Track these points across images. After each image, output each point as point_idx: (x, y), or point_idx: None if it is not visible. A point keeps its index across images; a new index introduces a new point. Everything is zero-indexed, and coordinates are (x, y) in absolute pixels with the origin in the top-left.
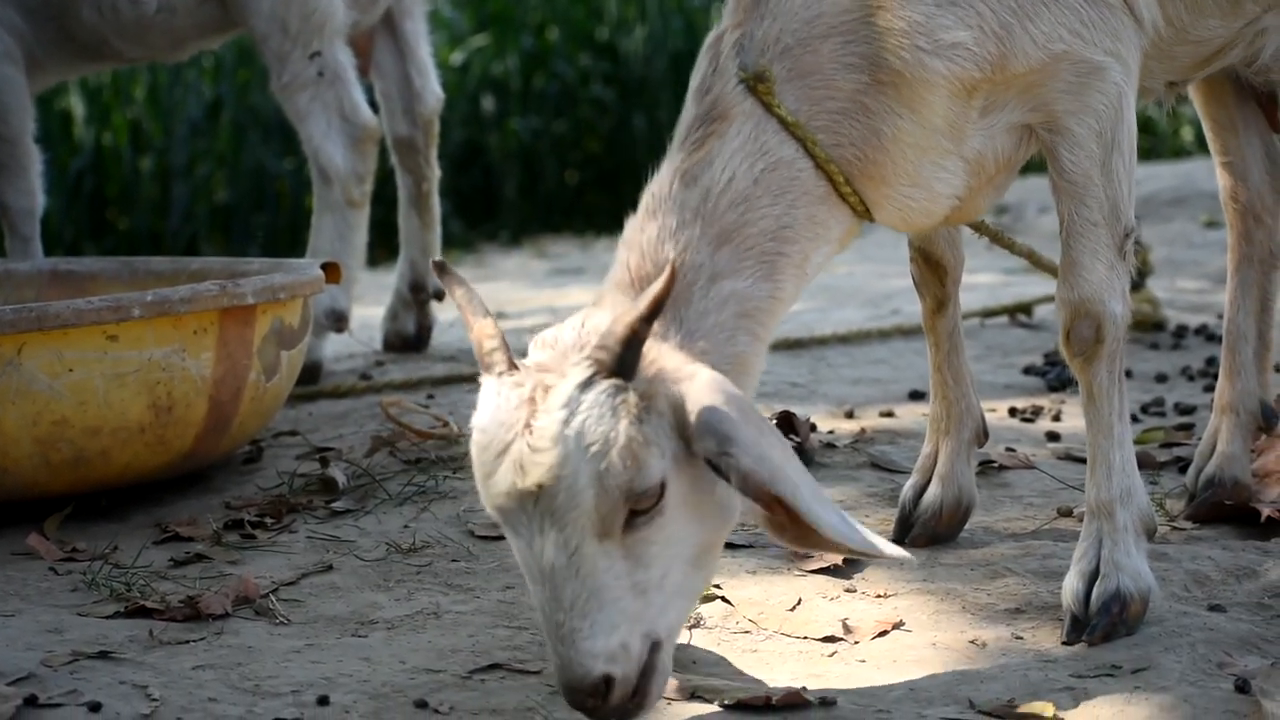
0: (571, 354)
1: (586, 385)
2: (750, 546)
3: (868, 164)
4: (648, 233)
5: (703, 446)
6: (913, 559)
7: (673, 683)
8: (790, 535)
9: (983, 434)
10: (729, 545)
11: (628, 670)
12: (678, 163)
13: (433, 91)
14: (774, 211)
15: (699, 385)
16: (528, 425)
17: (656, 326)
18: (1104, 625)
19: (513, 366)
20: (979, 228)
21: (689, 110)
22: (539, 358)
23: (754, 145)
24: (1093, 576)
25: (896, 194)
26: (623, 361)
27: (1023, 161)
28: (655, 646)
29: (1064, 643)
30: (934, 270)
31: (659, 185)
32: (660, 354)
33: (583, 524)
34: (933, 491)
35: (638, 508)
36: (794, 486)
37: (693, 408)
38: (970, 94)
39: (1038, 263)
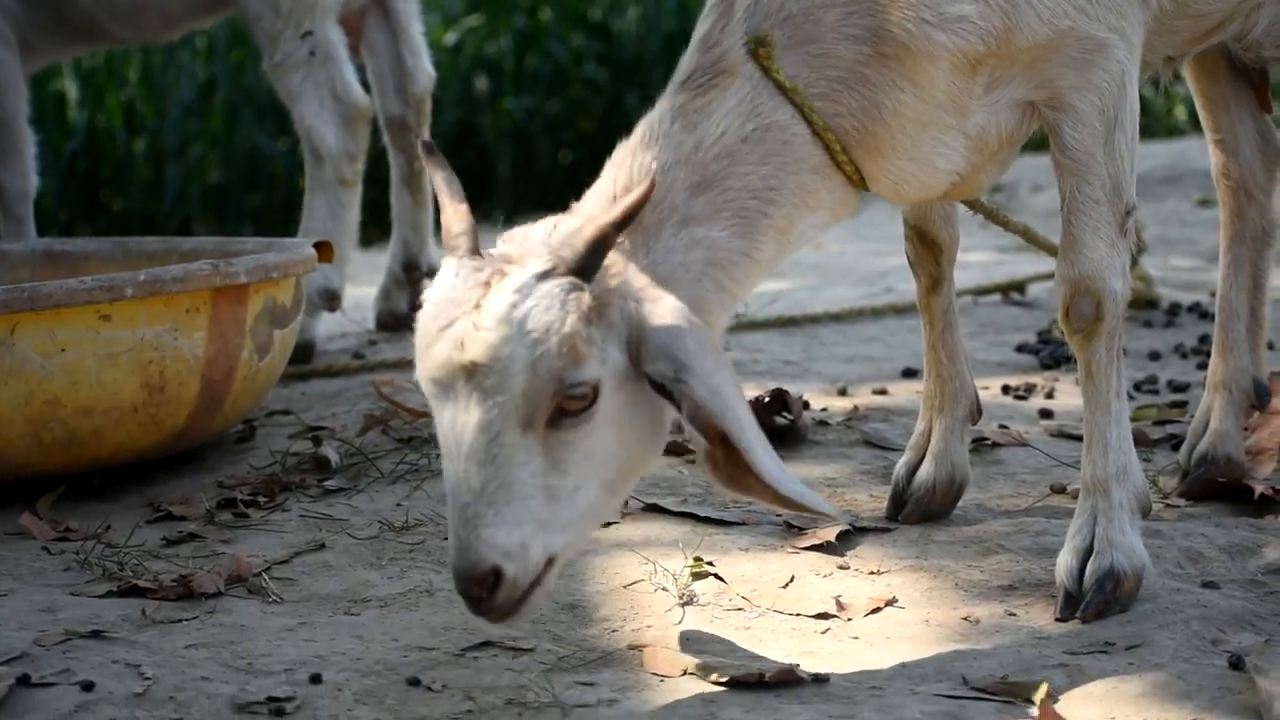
0: (537, 249)
1: (543, 276)
2: (743, 524)
3: (866, 135)
4: (638, 160)
5: (656, 369)
6: (839, 515)
7: (666, 659)
8: (725, 474)
9: (976, 412)
10: (720, 522)
11: (520, 572)
12: (680, 102)
13: (425, 70)
14: (760, 171)
15: (663, 307)
16: (477, 305)
17: (624, 246)
18: (1098, 602)
19: (476, 253)
20: (975, 205)
21: (693, 56)
22: (504, 249)
23: (749, 107)
24: (1087, 553)
25: (894, 167)
26: (585, 262)
27: (1025, 138)
28: (550, 562)
29: (1057, 619)
30: (929, 249)
31: (657, 119)
32: (629, 272)
33: (509, 409)
34: (926, 469)
35: (567, 407)
36: (741, 426)
37: (652, 328)
38: (974, 69)
39: (1033, 240)
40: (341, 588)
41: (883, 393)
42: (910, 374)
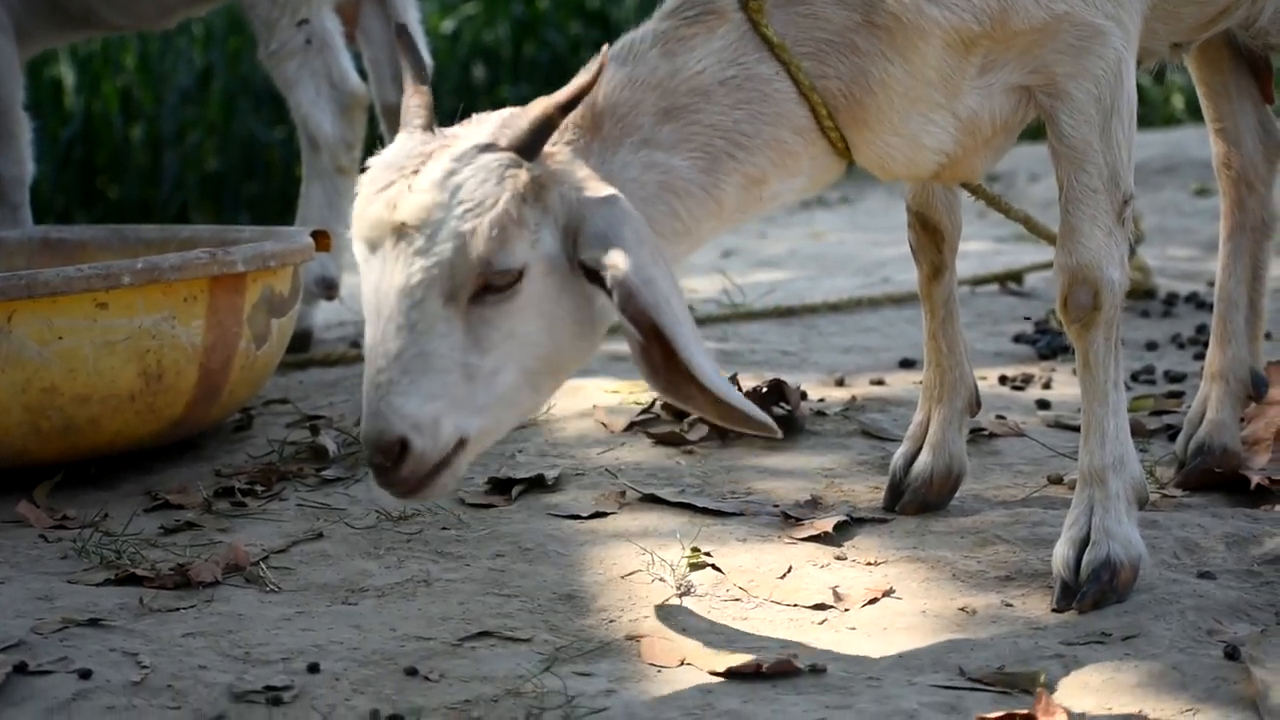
0: (485, 126)
1: (484, 149)
2: (740, 515)
3: (853, 103)
4: (613, 77)
5: (590, 255)
6: (778, 433)
7: (663, 649)
8: (664, 381)
9: (975, 403)
10: (718, 512)
11: (429, 447)
12: (664, 29)
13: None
14: (734, 115)
15: (606, 196)
16: (415, 170)
17: (580, 145)
18: (1094, 592)
19: (429, 129)
20: (976, 191)
21: None
22: (456, 128)
23: (732, 54)
24: (1083, 543)
25: (879, 140)
26: (527, 140)
27: (1022, 126)
28: (461, 444)
29: (1054, 609)
30: (931, 236)
31: (639, 38)
32: (576, 164)
33: (434, 275)
34: (923, 459)
35: (492, 283)
36: (675, 320)
37: (591, 213)
38: (968, 49)
39: (1033, 228)
40: (339, 577)
41: (880, 383)
42: (908, 364)
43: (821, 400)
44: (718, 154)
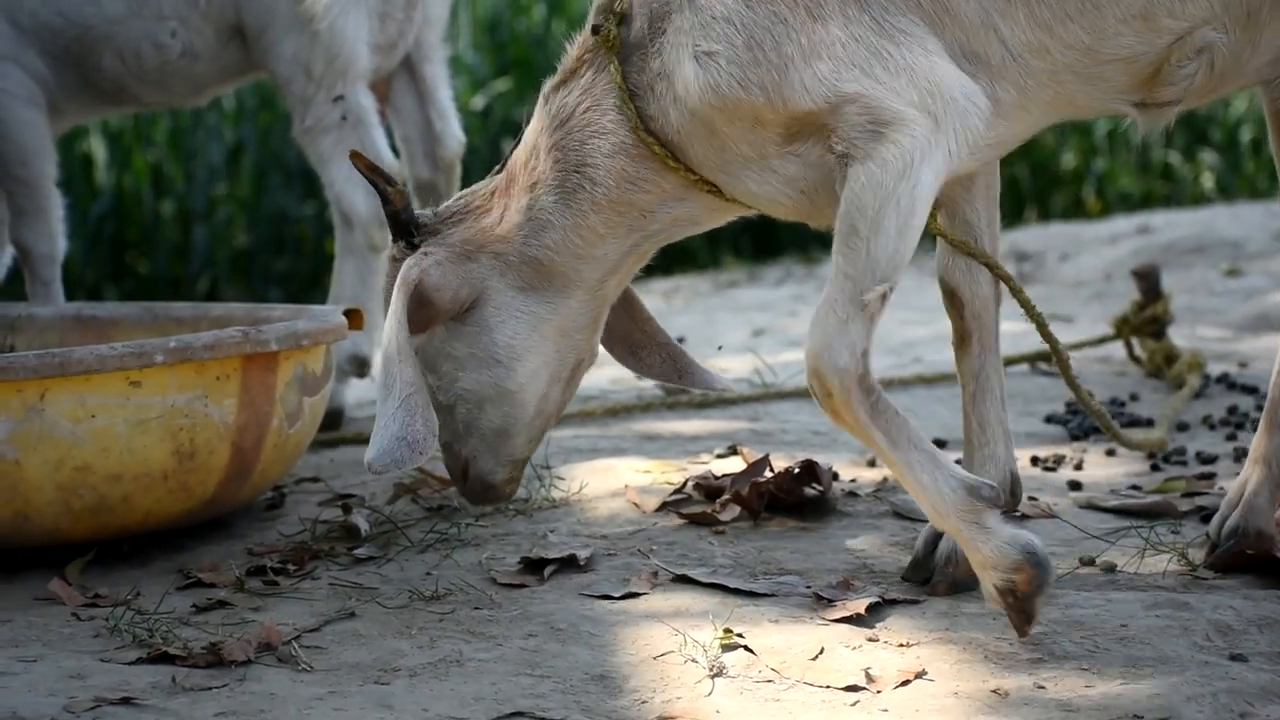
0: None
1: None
2: (772, 595)
3: (681, 145)
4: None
5: None
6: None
7: None
8: None
9: (1010, 490)
10: (750, 593)
11: None
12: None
13: (454, 135)
14: (585, 148)
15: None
16: None
17: (491, 209)
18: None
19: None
20: (998, 272)
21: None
22: None
23: (591, 90)
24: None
25: (712, 177)
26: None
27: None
28: None
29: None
30: (951, 301)
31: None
32: (439, 236)
33: None
34: (947, 539)
35: None
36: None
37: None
38: (757, 118)
39: (1043, 331)
40: (371, 657)
41: None
42: (939, 445)
43: (853, 481)
44: (574, 189)
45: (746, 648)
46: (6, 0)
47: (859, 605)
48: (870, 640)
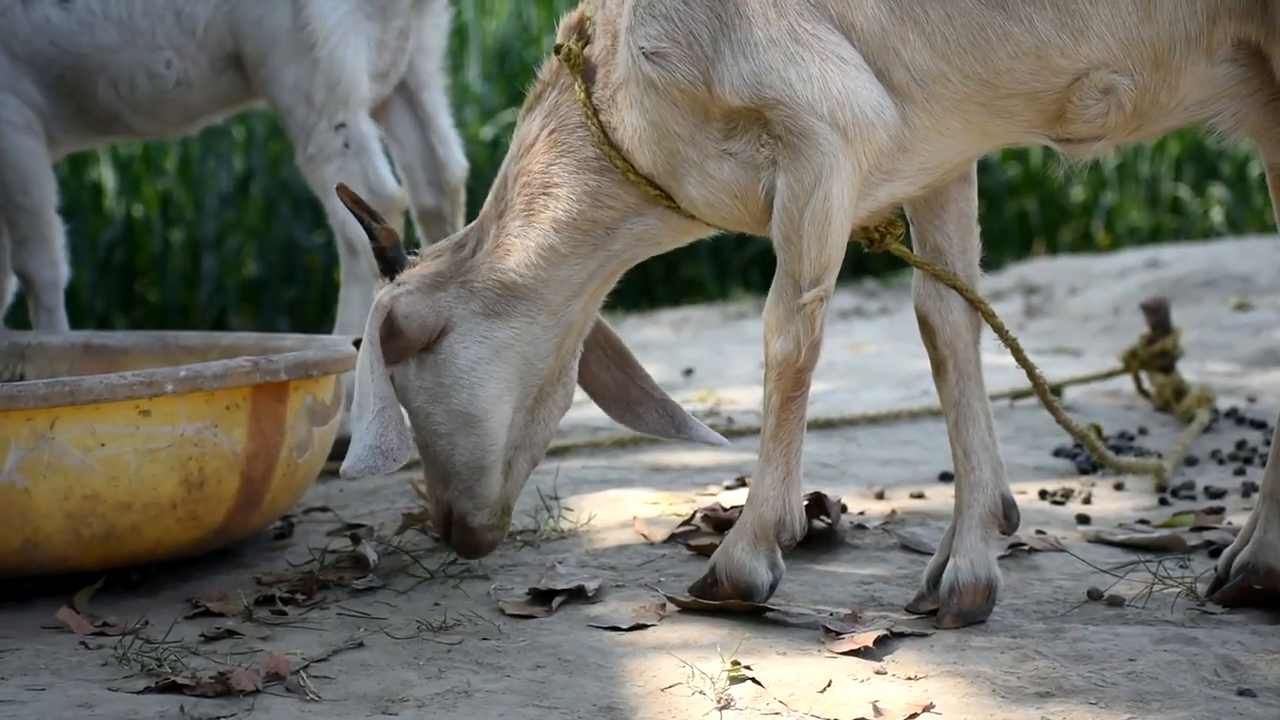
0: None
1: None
2: (782, 624)
3: (634, 153)
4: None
5: None
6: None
7: None
8: None
9: (1004, 516)
10: (758, 625)
11: None
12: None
13: (458, 160)
14: (550, 169)
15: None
16: None
17: (470, 240)
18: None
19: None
20: (968, 296)
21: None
22: None
23: (556, 112)
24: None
25: (663, 184)
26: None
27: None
28: None
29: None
30: (923, 327)
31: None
32: (416, 269)
33: None
34: (949, 569)
35: None
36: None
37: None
38: (705, 113)
39: (1018, 356)
40: (380, 687)
41: (920, 496)
42: (947, 478)
43: (861, 513)
44: (538, 210)
45: (754, 680)
46: (1, 30)
47: (867, 638)
48: (878, 673)
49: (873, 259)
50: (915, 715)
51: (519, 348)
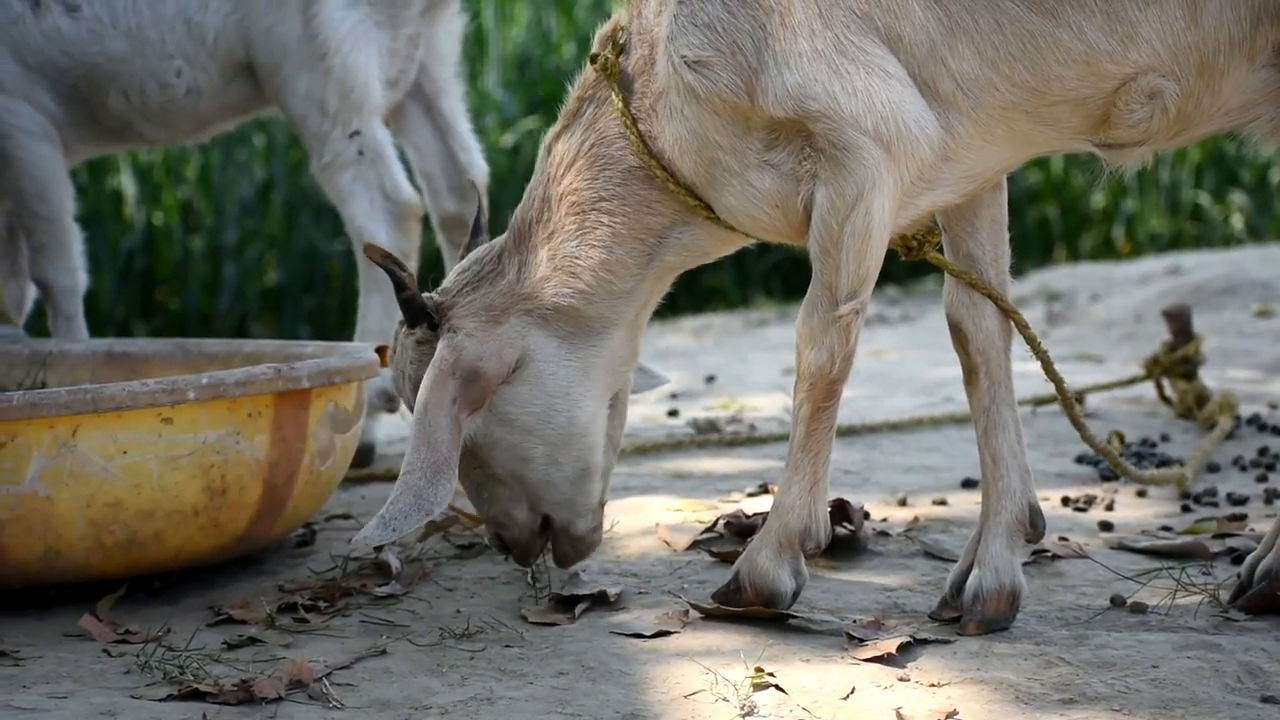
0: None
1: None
2: (806, 631)
3: (675, 163)
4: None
5: None
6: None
7: None
8: None
9: (1030, 523)
10: (782, 631)
11: None
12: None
13: (479, 165)
14: (596, 184)
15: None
16: None
17: (508, 267)
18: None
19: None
20: (1002, 305)
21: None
22: None
23: (595, 127)
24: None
25: (705, 195)
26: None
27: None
28: None
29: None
30: (956, 335)
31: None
32: (457, 316)
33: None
34: (974, 575)
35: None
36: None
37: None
38: (747, 123)
39: (1047, 367)
40: (402, 694)
41: (943, 503)
42: (970, 484)
43: (884, 520)
44: (592, 226)
45: (778, 687)
46: (13, 39)
47: (890, 645)
48: (901, 680)
49: (894, 265)
50: None
51: (603, 363)
